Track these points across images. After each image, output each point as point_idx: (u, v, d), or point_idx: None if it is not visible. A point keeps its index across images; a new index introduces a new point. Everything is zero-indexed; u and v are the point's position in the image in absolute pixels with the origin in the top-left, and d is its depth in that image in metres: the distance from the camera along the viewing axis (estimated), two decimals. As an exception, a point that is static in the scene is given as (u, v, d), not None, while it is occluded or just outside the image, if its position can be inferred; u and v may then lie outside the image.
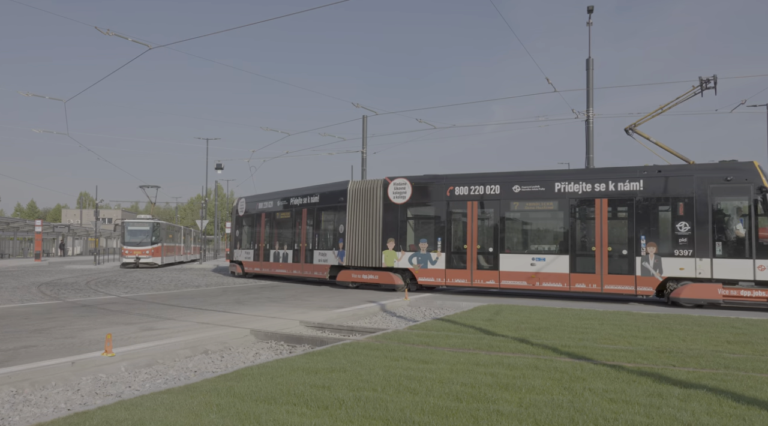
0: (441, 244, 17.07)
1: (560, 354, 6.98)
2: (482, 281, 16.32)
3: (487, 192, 16.49)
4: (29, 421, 4.35)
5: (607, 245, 14.86)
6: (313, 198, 21.23)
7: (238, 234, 26.21)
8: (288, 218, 22.62)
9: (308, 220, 21.33)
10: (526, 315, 11.05)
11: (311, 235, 21.13)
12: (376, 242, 18.24)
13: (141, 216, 37.99)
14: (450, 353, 6.94)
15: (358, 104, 23.59)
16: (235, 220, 26.70)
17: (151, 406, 4.61)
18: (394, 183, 18.12)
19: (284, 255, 22.45)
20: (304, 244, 21.39)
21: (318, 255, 20.55)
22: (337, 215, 19.80)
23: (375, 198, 18.43)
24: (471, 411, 4.49)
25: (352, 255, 18.87)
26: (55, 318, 10.79)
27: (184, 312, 11.90)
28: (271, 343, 9.15)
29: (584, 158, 18.81)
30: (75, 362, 6.62)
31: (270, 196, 24.29)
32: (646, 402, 4.78)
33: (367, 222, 18.55)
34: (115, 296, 15.82)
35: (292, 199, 22.46)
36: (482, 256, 16.39)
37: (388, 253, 17.98)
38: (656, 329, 9.24)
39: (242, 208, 26.11)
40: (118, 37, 14.90)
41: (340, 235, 19.40)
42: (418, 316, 12.69)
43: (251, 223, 25.31)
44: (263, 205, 24.33)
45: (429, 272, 17.21)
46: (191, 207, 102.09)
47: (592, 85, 18.72)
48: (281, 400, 4.83)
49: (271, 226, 23.66)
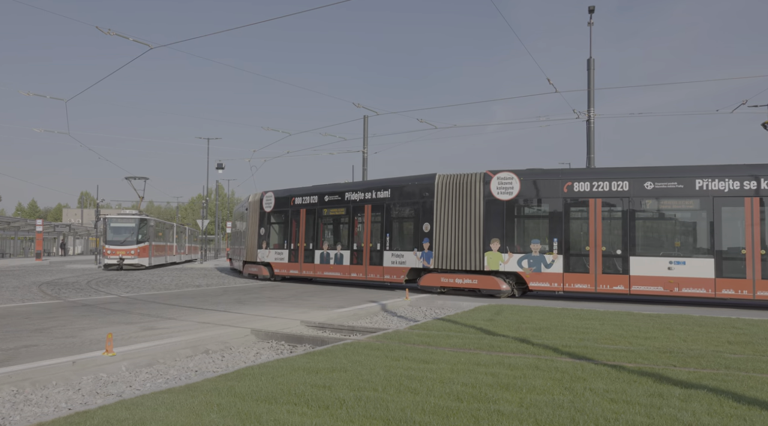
0: (557, 246, 15.45)
1: (561, 354, 6.98)
2: (608, 286, 14.84)
3: (614, 189, 15.03)
4: (30, 421, 4.35)
5: (759, 248, 13.75)
6: (380, 193, 19.02)
7: (263, 232, 23.37)
8: (342, 215, 20.27)
9: (374, 217, 19.11)
10: (526, 315, 11.05)
11: (379, 234, 18.88)
12: (475, 243, 16.36)
13: (126, 211, 34.25)
14: (451, 353, 6.94)
15: (359, 104, 23.59)
16: (259, 216, 23.72)
17: (152, 406, 4.61)
18: (498, 177, 16.28)
19: (337, 256, 20.07)
20: (367, 244, 19.12)
21: (391, 257, 18.34)
22: (418, 212, 17.75)
23: (473, 193, 16.55)
24: (472, 411, 4.49)
25: (442, 257, 16.93)
26: (56, 317, 10.80)
27: (184, 311, 11.91)
28: (271, 343, 9.15)
29: (585, 158, 18.80)
30: (76, 362, 6.63)
31: (312, 191, 21.76)
32: (646, 402, 4.78)
33: (462, 220, 16.68)
34: (116, 296, 15.83)
35: (349, 194, 20.10)
36: (608, 259, 14.95)
37: (492, 255, 16.11)
38: (657, 329, 9.24)
39: (269, 203, 23.34)
40: (119, 36, 14.93)
41: (424, 234, 17.44)
42: (418, 315, 12.69)
43: (284, 220, 22.63)
44: (303, 200, 21.77)
45: (543, 277, 15.53)
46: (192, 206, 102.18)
47: (593, 86, 18.72)
48: (282, 399, 4.83)
49: (316, 224, 21.18)
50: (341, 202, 20.35)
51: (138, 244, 31.62)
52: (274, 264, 22.77)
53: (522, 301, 14.97)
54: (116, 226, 31.74)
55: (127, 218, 32.03)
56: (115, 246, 31.28)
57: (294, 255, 21.88)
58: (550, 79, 18.42)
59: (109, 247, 31.34)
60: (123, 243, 31.30)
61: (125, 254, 31.17)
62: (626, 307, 13.45)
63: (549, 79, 18.43)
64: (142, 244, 31.90)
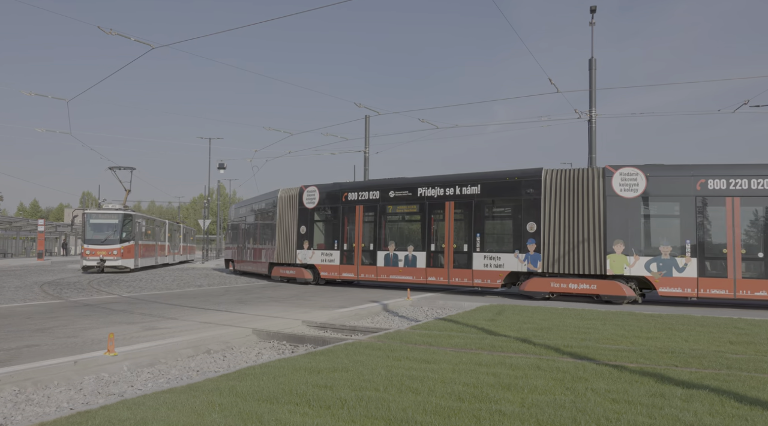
0: (690, 248, 14.20)
1: (562, 354, 6.97)
2: (749, 292, 13.65)
3: (753, 187, 13.87)
4: (32, 421, 4.36)
5: None
6: (467, 188, 17.09)
7: (305, 231, 20.90)
8: (414, 212, 18.34)
9: (459, 215, 17.20)
10: (528, 315, 11.04)
11: (465, 234, 17.03)
12: (594, 244, 14.86)
13: (108, 205, 29.93)
14: (452, 353, 6.94)
15: (360, 104, 23.59)
16: (298, 213, 21.20)
17: (153, 406, 4.61)
18: (621, 173, 14.85)
19: (409, 258, 17.98)
20: (450, 245, 17.20)
21: (483, 259, 16.51)
22: (520, 210, 16.06)
23: (591, 190, 15.04)
24: (473, 411, 4.49)
25: (552, 259, 15.38)
26: (58, 317, 10.81)
27: (186, 311, 11.92)
28: (273, 343, 9.16)
29: (587, 158, 18.79)
30: (77, 361, 6.64)
31: (372, 185, 19.53)
32: (648, 402, 4.78)
33: (577, 219, 15.16)
34: (118, 296, 15.85)
35: (424, 189, 18.01)
36: (749, 263, 13.84)
37: (615, 258, 14.66)
38: (658, 330, 9.23)
39: (312, 198, 20.86)
40: (120, 36, 14.92)
41: (528, 234, 15.78)
42: (420, 315, 12.69)
43: (332, 218, 20.27)
44: (359, 196, 19.47)
45: (674, 281, 14.22)
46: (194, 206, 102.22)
47: (595, 85, 18.71)
48: (283, 399, 4.83)
49: (378, 223, 18.95)
50: (413, 198, 18.27)
51: (122, 243, 27.91)
52: (321, 266, 20.27)
53: (523, 301, 14.97)
54: (96, 222, 28.04)
55: (109, 213, 28.32)
56: (95, 245, 27.50)
57: (348, 256, 19.59)
58: (552, 79, 18.42)
59: (88, 246, 27.55)
60: (104, 242, 27.56)
61: (107, 255, 27.46)
62: (628, 308, 13.44)
63: (550, 79, 18.44)
64: (126, 243, 28.25)
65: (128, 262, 28.41)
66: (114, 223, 28.01)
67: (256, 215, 25.84)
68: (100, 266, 27.40)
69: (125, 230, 28.28)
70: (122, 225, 28.09)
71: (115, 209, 28.89)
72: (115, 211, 28.45)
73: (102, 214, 28.28)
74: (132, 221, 29.01)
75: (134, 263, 29.28)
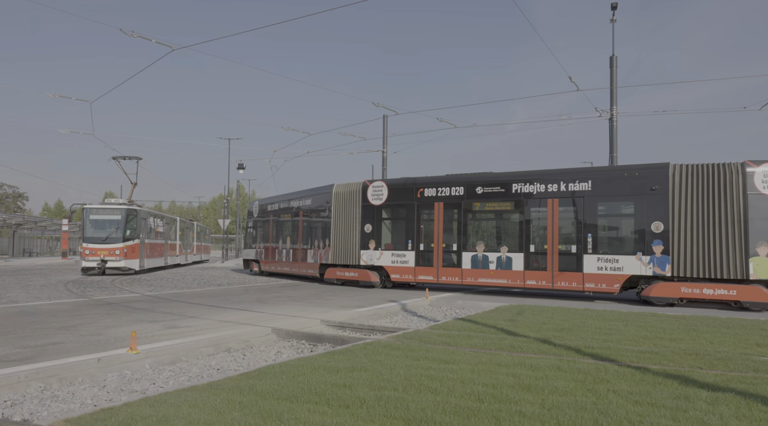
0: None
1: (583, 355, 6.90)
2: None
3: None
4: (57, 416, 4.42)
5: None
6: (575, 184, 15.52)
7: (370, 230, 19.24)
8: (508, 210, 16.74)
9: (564, 213, 15.77)
10: (548, 315, 10.96)
11: (573, 234, 15.52)
12: (734, 247, 13.58)
13: (111, 200, 26.96)
14: (471, 353, 6.91)
15: (378, 104, 23.61)
16: (361, 210, 19.50)
17: (175, 403, 4.66)
18: (765, 169, 13.54)
19: (502, 260, 16.46)
20: (554, 246, 15.73)
21: (596, 261, 15.01)
22: (641, 208, 14.63)
23: (727, 187, 13.74)
24: (493, 412, 4.46)
25: (683, 262, 14.06)
26: (82, 315, 10.98)
27: (206, 310, 12.02)
28: (292, 342, 9.20)
29: (608, 157, 18.60)
30: (101, 359, 6.73)
31: (453, 180, 17.70)
32: (672, 405, 4.71)
33: (711, 219, 13.86)
34: (140, 294, 16.04)
35: (519, 185, 16.41)
36: None
37: (759, 261, 13.42)
38: (682, 331, 9.09)
39: (379, 194, 19.15)
40: (142, 38, 15.10)
41: (654, 235, 14.40)
42: (438, 315, 12.66)
43: (405, 216, 18.49)
44: (438, 192, 17.83)
45: None
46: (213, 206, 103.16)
47: (616, 83, 18.51)
48: (303, 398, 4.85)
49: (462, 221, 17.30)
50: (506, 194, 16.64)
51: (125, 241, 25.01)
52: (391, 268, 18.61)
53: (544, 301, 14.85)
54: (97, 218, 25.17)
55: (111, 209, 25.39)
56: (96, 244, 24.56)
57: (425, 258, 17.94)
58: (572, 78, 18.26)
59: (87, 245, 24.65)
60: (105, 240, 24.65)
61: (108, 255, 24.56)
62: (651, 309, 13.27)
63: (570, 77, 18.29)
64: (130, 241, 25.38)
65: (132, 262, 25.59)
66: (116, 220, 25.13)
67: (295, 212, 23.90)
68: (101, 268, 24.59)
69: (129, 227, 25.44)
70: (126, 221, 25.27)
71: (118, 204, 25.94)
72: (117, 206, 25.55)
73: (103, 210, 25.38)
74: (137, 217, 26.13)
75: (139, 264, 26.53)
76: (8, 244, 55.10)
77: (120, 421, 4.20)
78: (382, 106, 24.04)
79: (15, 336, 8.41)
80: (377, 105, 23.67)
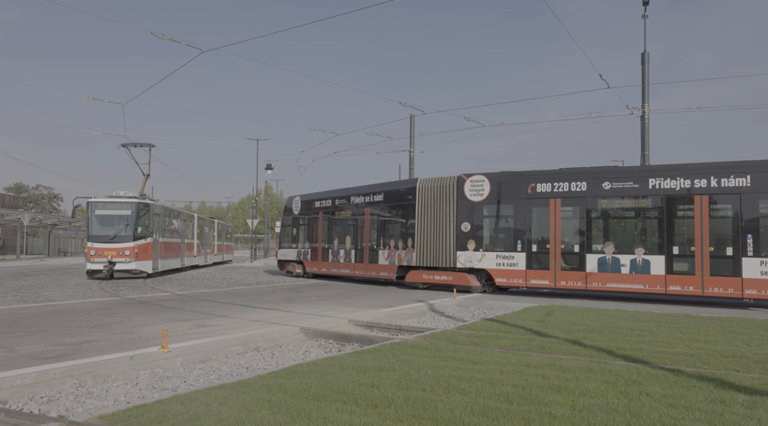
0: None
1: (615, 357, 6.79)
2: None
3: None
4: (91, 413, 4.51)
5: None
6: (730, 180, 14.04)
7: (469, 229, 17.40)
8: (645, 209, 15.13)
9: (717, 212, 14.26)
10: (578, 316, 10.81)
11: (728, 235, 14.03)
12: None
13: (121, 192, 23.18)
14: (500, 354, 6.85)
15: (405, 103, 23.58)
16: (457, 207, 17.71)
17: (205, 401, 4.72)
18: None
19: (636, 263, 14.88)
20: (703, 247, 14.16)
21: (760, 266, 13.50)
22: None
23: None
24: (522, 413, 4.42)
25: None
26: (115, 314, 11.19)
27: (235, 309, 12.15)
28: (320, 341, 9.24)
29: (639, 155, 18.29)
30: (133, 357, 6.85)
31: (575, 175, 16.03)
32: (707, 408, 4.60)
33: None
34: (170, 293, 16.28)
35: (658, 180, 14.83)
36: None
37: None
38: (718, 333, 8.89)
39: (480, 190, 17.43)
40: (172, 41, 15.32)
41: None
42: (466, 316, 12.59)
43: (512, 214, 16.80)
44: (556, 188, 16.13)
45: None
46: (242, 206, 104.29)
47: (648, 80, 18.18)
48: (331, 397, 4.86)
49: (586, 220, 15.68)
50: (640, 190, 15.00)
51: (136, 240, 21.77)
52: (496, 271, 16.79)
53: (574, 301, 14.66)
54: (104, 213, 21.89)
55: (120, 202, 22.14)
56: (102, 243, 21.35)
57: (538, 260, 16.21)
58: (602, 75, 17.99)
59: (93, 245, 21.42)
60: (113, 239, 21.42)
61: (117, 256, 21.32)
62: (685, 310, 13.00)
63: (601, 75, 18.01)
64: (141, 240, 22.10)
65: (144, 264, 22.35)
66: (125, 215, 21.84)
67: (359, 209, 21.50)
68: (109, 270, 21.26)
69: (140, 224, 22.16)
70: (137, 217, 21.93)
71: (127, 197, 22.63)
72: (126, 200, 22.27)
73: (110, 204, 22.08)
74: (149, 212, 22.78)
75: (153, 266, 23.42)
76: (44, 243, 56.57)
77: (152, 418, 4.27)
78: (409, 106, 24.02)
79: (51, 334, 8.61)
80: (404, 104, 23.66)
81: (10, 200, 62.53)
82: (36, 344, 7.71)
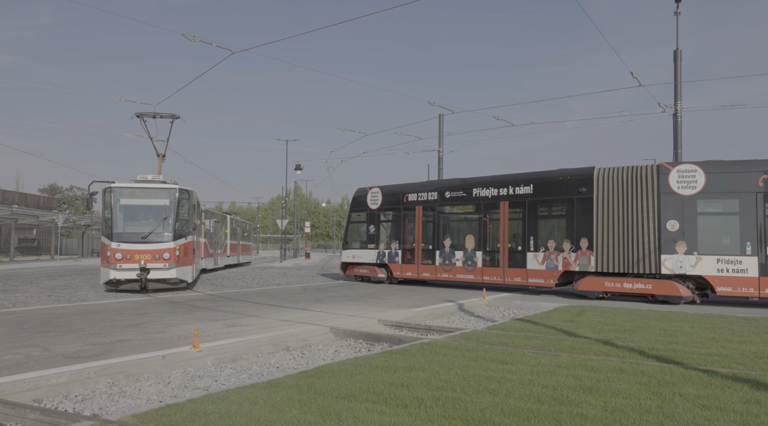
0: None
1: (647, 357, 6.68)
2: None
3: None
4: (125, 412, 4.61)
5: None
6: None
7: (676, 227, 14.53)
8: None
9: None
10: (610, 316, 10.66)
11: None
12: None
13: (148, 177, 17.45)
14: (530, 354, 6.80)
15: (434, 103, 23.53)
16: (657, 202, 14.77)
17: (236, 400, 4.78)
18: None
19: None
20: None
21: None
22: None
23: None
24: (553, 414, 4.38)
25: None
26: (147, 313, 11.40)
27: (266, 309, 12.27)
28: (349, 341, 9.27)
29: (672, 154, 17.94)
30: (165, 356, 6.97)
31: None
32: (742, 410, 4.50)
33: None
34: (201, 293, 16.50)
35: None
36: None
37: None
38: (753, 333, 8.68)
39: (691, 181, 14.51)
40: (203, 42, 15.53)
41: None
42: (496, 316, 12.51)
43: (736, 211, 13.98)
44: None
45: None
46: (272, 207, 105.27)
47: (680, 78, 17.82)
48: (361, 397, 4.88)
49: None
50: None
51: (176, 240, 16.31)
52: (718, 279, 13.83)
53: (604, 302, 14.45)
54: (132, 203, 16.45)
55: (155, 188, 16.67)
56: (131, 245, 15.77)
57: None
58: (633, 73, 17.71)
59: (118, 246, 15.68)
60: (148, 239, 15.93)
61: (152, 260, 15.85)
62: (719, 310, 12.72)
63: (632, 73, 17.73)
64: (182, 239, 16.60)
65: (185, 271, 16.83)
66: (163, 206, 16.42)
67: (489, 203, 18.10)
68: (141, 282, 15.82)
69: (180, 218, 16.72)
70: (177, 208, 16.58)
71: (161, 183, 17.09)
72: (163, 186, 16.85)
73: (141, 190, 16.62)
74: (189, 202, 17.26)
75: (192, 272, 18.07)
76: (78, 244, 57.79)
77: (184, 417, 4.34)
78: (437, 105, 23.95)
79: (85, 333, 8.81)
80: (433, 104, 23.61)
81: (44, 201, 64.03)
82: (70, 343, 7.90)
